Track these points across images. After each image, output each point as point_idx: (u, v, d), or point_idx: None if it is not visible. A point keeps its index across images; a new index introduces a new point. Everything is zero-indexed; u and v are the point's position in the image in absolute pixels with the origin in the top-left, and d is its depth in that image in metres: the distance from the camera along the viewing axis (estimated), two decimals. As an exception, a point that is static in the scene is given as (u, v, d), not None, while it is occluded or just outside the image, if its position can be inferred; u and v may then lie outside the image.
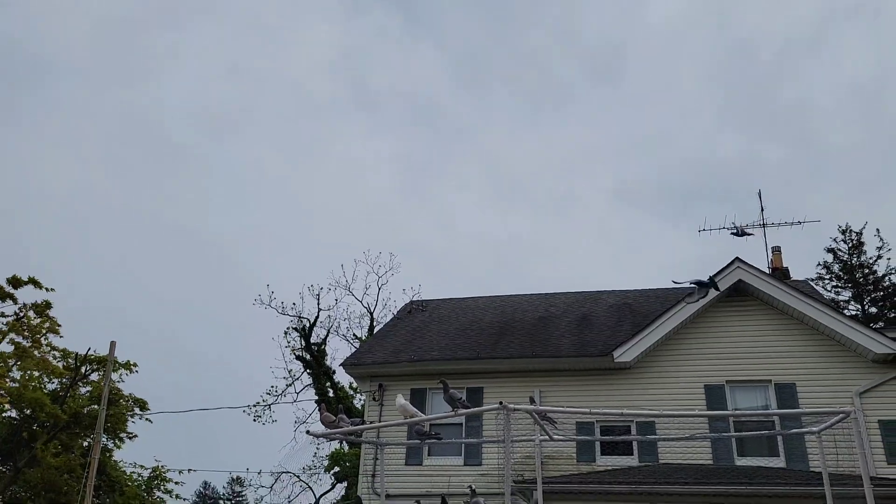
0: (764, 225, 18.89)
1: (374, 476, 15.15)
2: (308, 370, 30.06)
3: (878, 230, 35.90)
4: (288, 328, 31.42)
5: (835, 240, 33.95)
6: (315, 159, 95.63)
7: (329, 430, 7.57)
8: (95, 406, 14.03)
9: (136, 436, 16.11)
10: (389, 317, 24.78)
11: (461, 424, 15.34)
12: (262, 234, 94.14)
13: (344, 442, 27.59)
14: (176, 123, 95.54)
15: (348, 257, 79.21)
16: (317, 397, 28.76)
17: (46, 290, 12.74)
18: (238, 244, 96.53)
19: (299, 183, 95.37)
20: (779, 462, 13.33)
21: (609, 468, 13.50)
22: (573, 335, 16.59)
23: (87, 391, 15.67)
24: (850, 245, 33.73)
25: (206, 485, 76.85)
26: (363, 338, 30.17)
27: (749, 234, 17.35)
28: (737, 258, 15.09)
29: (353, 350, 21.23)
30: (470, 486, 7.37)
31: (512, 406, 7.13)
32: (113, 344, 9.15)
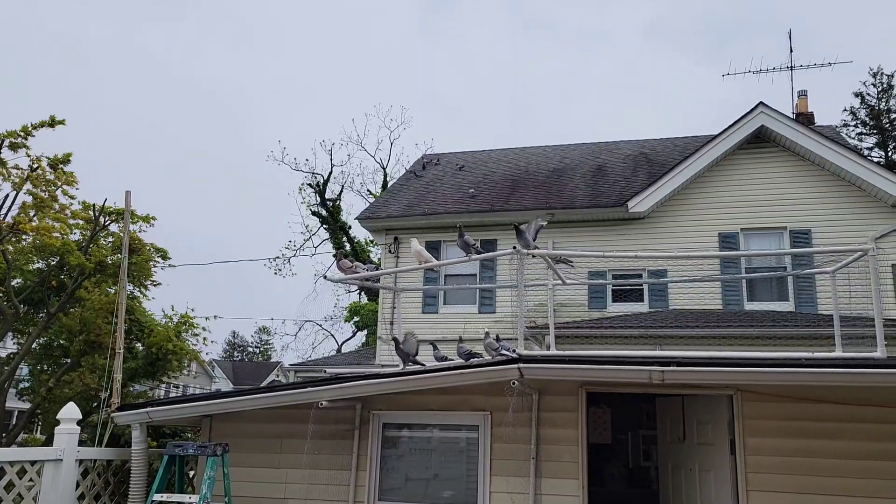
0: (791, 67, 18.00)
1: (392, 323, 15.71)
2: (324, 225, 30.51)
3: (911, 72, 34.20)
4: (302, 184, 31.59)
5: (864, 83, 32.50)
6: None
7: (346, 276, 7.68)
8: (119, 255, 14.38)
9: (160, 283, 16.72)
10: (403, 172, 24.64)
11: (475, 275, 15.65)
12: (270, 85, 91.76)
13: (362, 291, 28.59)
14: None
15: (360, 110, 77.47)
16: (334, 251, 29.40)
17: (62, 123, 12.41)
18: (246, 95, 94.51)
19: (307, 24, 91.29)
20: (788, 306, 13.59)
21: (620, 314, 13.85)
22: (588, 186, 16.43)
23: (109, 242, 16.02)
24: (879, 89, 32.33)
25: (234, 334, 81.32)
26: (377, 193, 30.24)
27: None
28: (760, 103, 14.52)
29: (368, 205, 21.30)
30: (486, 331, 7.54)
31: (525, 250, 7.14)
32: (128, 193, 9.13)
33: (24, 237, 13.70)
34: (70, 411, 7.00)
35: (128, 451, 7.44)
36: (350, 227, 30.37)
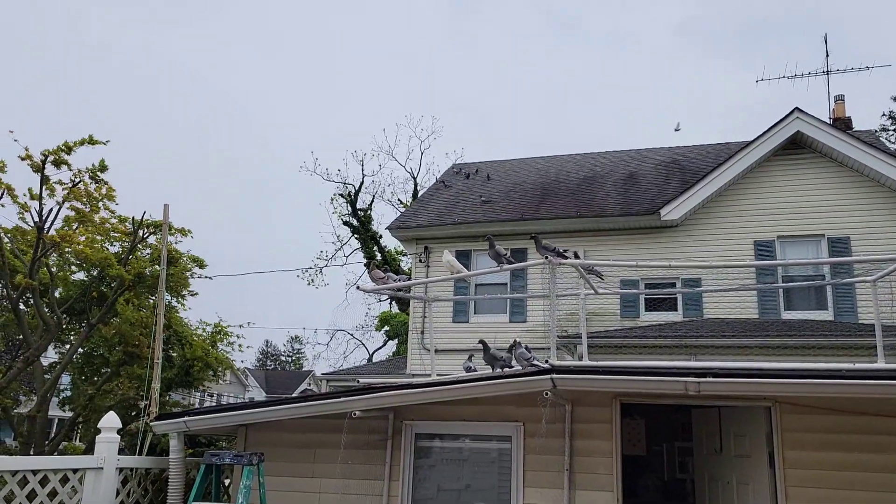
0: (828, 72, 17.69)
1: (423, 332, 15.75)
2: (355, 235, 30.75)
3: (953, 75, 33.19)
4: (334, 194, 31.87)
5: (904, 88, 31.70)
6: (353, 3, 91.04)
7: (379, 286, 7.74)
8: (157, 266, 14.72)
9: (197, 293, 17.05)
10: (433, 181, 24.74)
11: (506, 284, 15.62)
12: (300, 95, 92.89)
13: (393, 301, 28.71)
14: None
15: (390, 119, 78.03)
16: (365, 260, 29.62)
17: (102, 143, 12.81)
18: (276, 106, 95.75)
19: (336, 34, 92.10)
20: (827, 315, 13.28)
21: (653, 323, 13.68)
22: (619, 194, 16.31)
23: (147, 253, 16.41)
24: (920, 93, 31.48)
25: (267, 343, 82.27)
26: (408, 202, 30.39)
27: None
28: (796, 108, 14.27)
29: (399, 214, 21.42)
30: (516, 341, 7.51)
31: (557, 260, 7.11)
32: (166, 206, 9.42)
33: (67, 248, 14.13)
34: (110, 420, 7.14)
35: (166, 460, 7.56)
36: (381, 237, 30.56)
